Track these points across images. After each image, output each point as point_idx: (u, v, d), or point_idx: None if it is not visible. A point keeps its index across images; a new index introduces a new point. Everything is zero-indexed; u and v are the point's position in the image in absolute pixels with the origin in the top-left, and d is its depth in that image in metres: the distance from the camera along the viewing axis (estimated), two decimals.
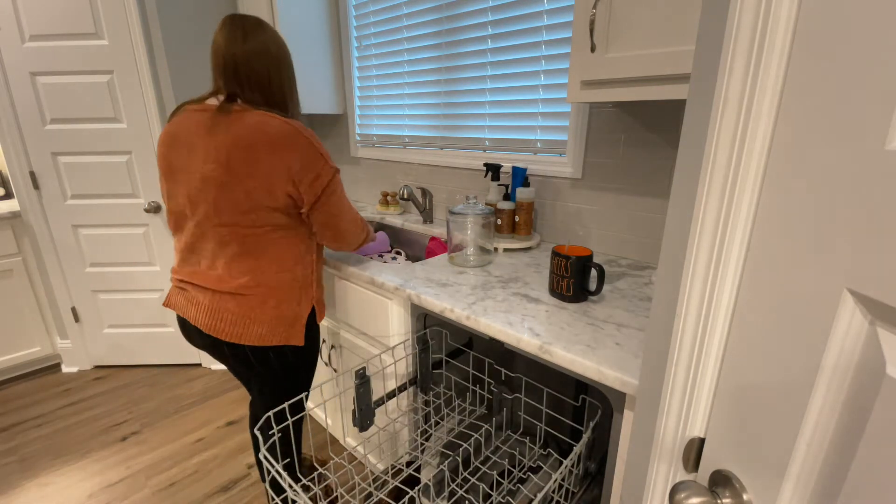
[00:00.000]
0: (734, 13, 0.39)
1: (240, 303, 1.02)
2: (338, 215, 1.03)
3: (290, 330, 1.08)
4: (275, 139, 0.91)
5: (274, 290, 1.04)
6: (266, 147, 0.91)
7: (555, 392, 1.04)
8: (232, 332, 1.03)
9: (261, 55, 0.96)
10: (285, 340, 1.07)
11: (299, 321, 1.09)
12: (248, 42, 0.95)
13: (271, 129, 0.92)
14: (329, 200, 0.99)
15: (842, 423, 0.34)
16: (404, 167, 1.96)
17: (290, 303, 1.06)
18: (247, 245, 0.99)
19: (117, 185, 2.03)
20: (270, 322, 1.04)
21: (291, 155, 0.92)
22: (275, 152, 0.91)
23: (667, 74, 0.84)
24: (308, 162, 0.94)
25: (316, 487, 0.84)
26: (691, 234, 0.46)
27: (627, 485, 0.65)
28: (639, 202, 1.26)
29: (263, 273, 1.02)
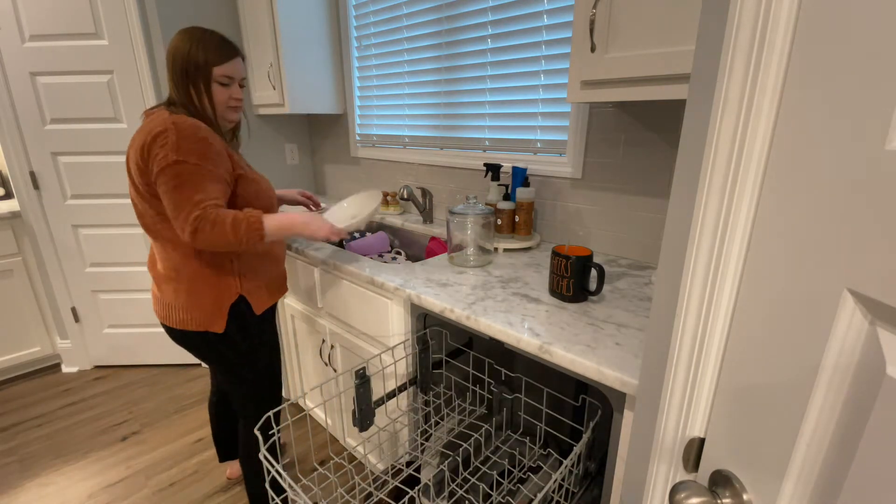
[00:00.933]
0: (734, 13, 0.39)
1: (161, 288, 1.13)
2: (168, 203, 0.99)
3: (209, 317, 1.11)
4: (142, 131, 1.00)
5: (184, 276, 1.09)
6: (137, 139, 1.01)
7: (555, 392, 1.04)
8: (162, 314, 1.13)
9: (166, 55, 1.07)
10: (204, 326, 1.11)
11: (218, 309, 1.11)
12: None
13: (147, 124, 1.01)
14: (161, 186, 0.98)
15: (842, 423, 0.34)
16: (404, 167, 1.96)
17: (204, 288, 1.10)
18: (153, 232, 1.08)
19: (117, 185, 2.03)
20: (185, 307, 1.10)
21: (145, 141, 0.98)
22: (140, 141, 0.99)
23: (667, 74, 0.84)
24: (152, 147, 0.98)
25: (316, 488, 0.84)
26: (691, 234, 0.46)
27: (627, 485, 0.65)
28: (639, 202, 1.26)
29: (170, 259, 1.09)
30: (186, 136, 0.98)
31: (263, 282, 1.21)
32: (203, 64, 1.05)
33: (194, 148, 0.98)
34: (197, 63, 1.04)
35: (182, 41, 1.05)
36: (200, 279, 1.10)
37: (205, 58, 1.05)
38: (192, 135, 0.98)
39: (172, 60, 1.05)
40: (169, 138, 0.96)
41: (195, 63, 1.04)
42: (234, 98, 1.12)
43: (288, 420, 0.86)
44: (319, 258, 1.39)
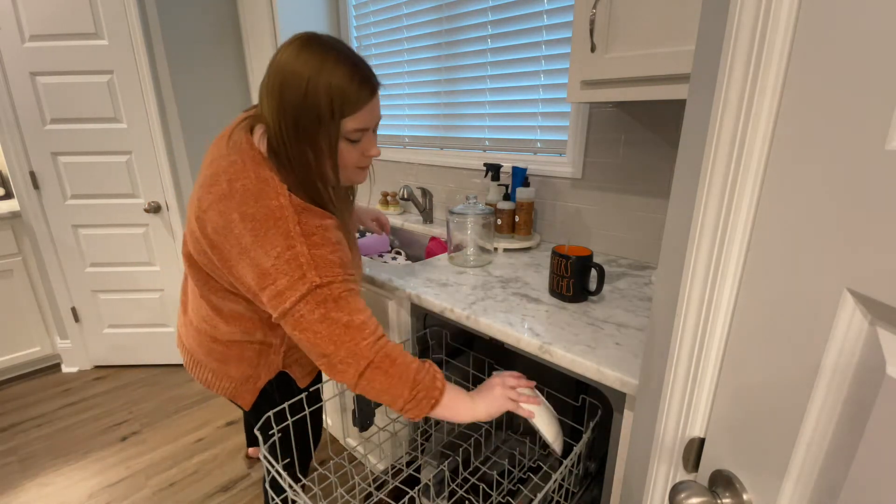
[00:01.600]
0: (734, 13, 0.39)
1: (194, 340, 0.91)
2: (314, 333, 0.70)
3: (237, 390, 0.93)
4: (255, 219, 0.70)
5: (222, 346, 0.88)
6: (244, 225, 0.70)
7: (555, 392, 1.04)
8: (187, 361, 0.96)
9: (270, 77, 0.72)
10: (230, 396, 0.94)
11: (252, 384, 0.93)
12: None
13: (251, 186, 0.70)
14: (303, 317, 0.70)
15: (842, 423, 0.34)
16: (404, 167, 1.96)
17: (240, 365, 0.90)
18: (204, 294, 0.85)
19: (117, 185, 2.03)
20: (215, 371, 0.91)
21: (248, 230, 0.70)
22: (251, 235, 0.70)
23: (667, 74, 0.84)
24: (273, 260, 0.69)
25: (316, 488, 0.84)
26: (691, 234, 0.46)
27: (627, 485, 0.65)
28: (639, 202, 1.26)
29: (215, 326, 0.87)
30: (318, 242, 0.71)
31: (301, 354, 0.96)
32: (328, 116, 0.69)
33: (334, 259, 0.71)
34: (320, 115, 0.69)
35: (298, 62, 0.68)
36: (240, 354, 0.88)
37: (331, 105, 0.69)
38: (324, 240, 0.71)
39: (280, 93, 0.69)
40: (298, 249, 0.68)
41: (317, 114, 0.69)
42: (366, 156, 0.79)
43: (288, 419, 0.86)
44: None
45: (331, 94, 0.68)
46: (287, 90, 0.68)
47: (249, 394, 0.93)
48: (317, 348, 0.71)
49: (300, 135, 0.70)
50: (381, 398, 0.72)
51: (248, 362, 0.90)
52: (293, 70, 0.68)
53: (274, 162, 0.74)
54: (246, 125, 0.77)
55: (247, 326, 0.85)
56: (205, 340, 0.89)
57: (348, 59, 0.70)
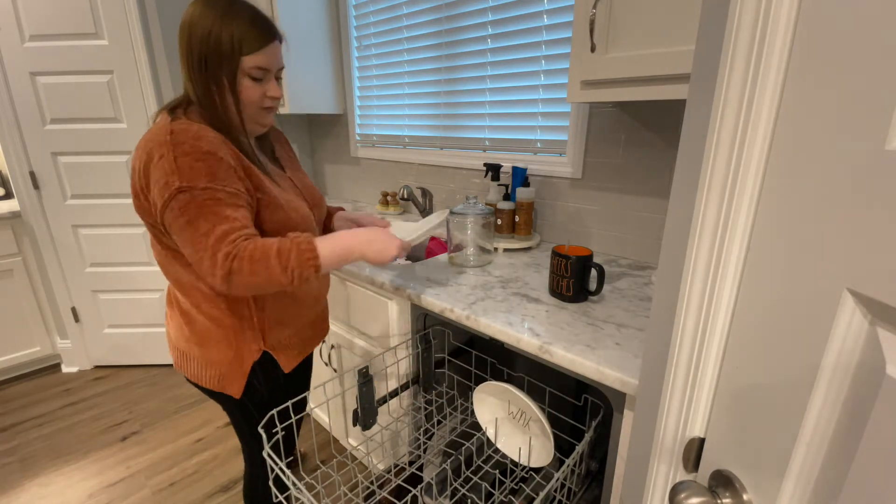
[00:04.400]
0: (734, 13, 0.39)
1: (174, 329, 0.92)
2: (183, 241, 0.76)
3: (224, 378, 0.90)
4: (140, 146, 0.78)
5: (198, 326, 0.88)
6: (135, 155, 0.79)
7: (556, 392, 1.04)
8: (175, 360, 0.94)
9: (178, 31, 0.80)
10: (219, 387, 0.91)
11: (237, 370, 0.90)
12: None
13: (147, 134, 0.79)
14: (172, 222, 0.75)
15: (842, 423, 0.34)
16: (404, 167, 1.96)
17: (219, 344, 0.88)
18: (163, 267, 0.88)
19: (117, 185, 2.03)
20: (198, 359, 0.90)
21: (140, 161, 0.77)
22: (136, 160, 0.78)
23: (667, 74, 0.85)
24: (150, 171, 0.75)
25: (319, 486, 0.84)
26: (691, 234, 0.46)
27: (628, 484, 0.65)
28: (639, 202, 1.26)
29: (181, 302, 0.89)
30: (186, 151, 0.74)
31: (293, 330, 0.97)
32: (229, 52, 0.78)
33: (200, 166, 0.74)
34: (220, 49, 0.77)
35: (201, 14, 0.77)
36: (214, 331, 0.88)
37: (231, 42, 0.77)
38: (193, 149, 0.74)
39: (188, 42, 0.78)
40: (165, 158, 0.73)
41: (218, 49, 0.77)
42: (269, 97, 0.85)
43: (292, 418, 0.86)
44: None
45: (231, 33, 0.78)
46: (194, 37, 0.78)
47: (237, 379, 0.91)
48: (187, 254, 0.76)
49: (205, 72, 0.79)
50: (266, 289, 0.78)
51: (226, 341, 0.89)
52: (198, 21, 0.77)
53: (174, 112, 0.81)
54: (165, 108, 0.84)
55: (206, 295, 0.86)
56: (183, 325, 0.90)
57: (248, 8, 0.81)
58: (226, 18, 0.77)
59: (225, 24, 0.77)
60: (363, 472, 1.57)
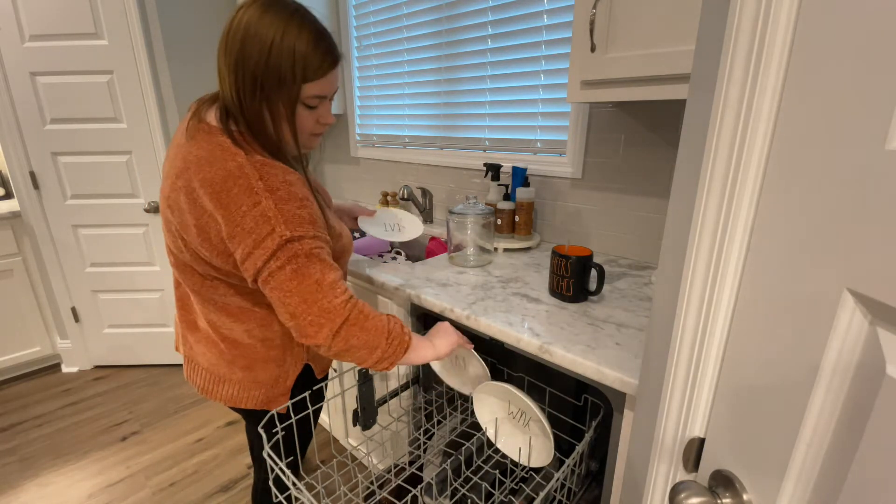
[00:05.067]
0: (734, 13, 0.39)
1: (207, 357, 0.87)
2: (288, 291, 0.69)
3: (269, 397, 0.88)
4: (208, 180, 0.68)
5: (245, 350, 0.84)
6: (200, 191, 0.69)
7: (556, 392, 1.04)
8: (203, 387, 0.89)
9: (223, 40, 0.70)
10: (264, 405, 0.89)
11: (282, 384, 0.89)
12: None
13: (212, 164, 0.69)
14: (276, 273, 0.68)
15: (842, 423, 0.34)
16: (404, 167, 1.96)
17: (267, 365, 0.86)
18: (202, 296, 0.81)
19: (117, 185, 2.03)
20: (241, 382, 0.87)
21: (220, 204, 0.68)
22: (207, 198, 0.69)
23: (667, 74, 0.85)
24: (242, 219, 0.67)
25: (319, 486, 0.84)
26: (691, 234, 0.46)
27: (628, 485, 0.65)
28: (639, 202, 1.26)
29: (229, 329, 0.83)
30: (284, 197, 0.68)
31: None
32: (290, 78, 0.69)
33: (304, 214, 0.69)
34: (281, 74, 0.68)
35: (259, 21, 0.67)
36: (264, 352, 0.84)
37: (293, 67, 0.68)
38: (290, 195, 0.69)
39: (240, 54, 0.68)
40: (264, 205, 0.66)
41: (278, 73, 0.68)
42: (321, 123, 0.79)
43: (292, 418, 0.86)
44: None
45: (294, 58, 0.68)
46: (248, 49, 0.67)
47: (283, 396, 0.89)
48: (287, 307, 0.69)
49: (258, 95, 0.70)
50: (358, 353, 0.72)
51: (276, 361, 0.86)
52: (256, 31, 0.67)
53: (227, 126, 0.72)
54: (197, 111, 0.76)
55: (261, 319, 0.83)
56: (226, 350, 0.85)
57: (313, 26, 0.71)
58: (289, 32, 0.67)
59: (287, 39, 0.67)
60: (363, 472, 1.57)
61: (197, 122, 0.74)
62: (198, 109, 0.76)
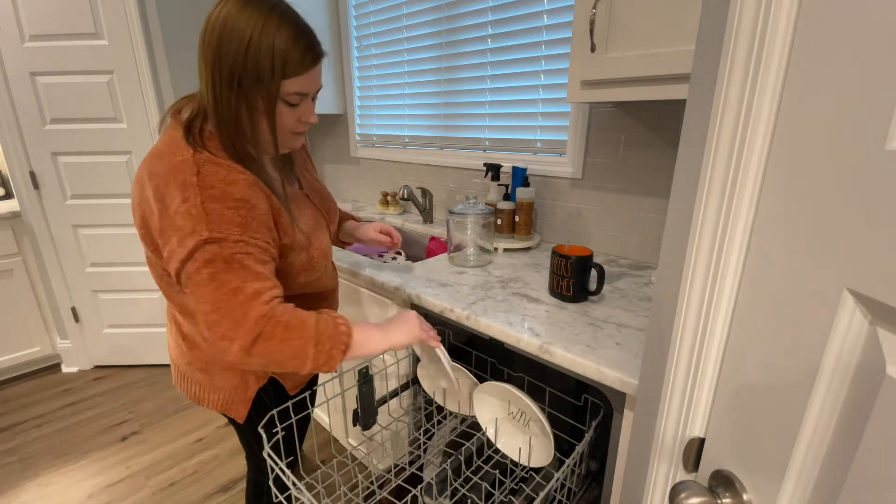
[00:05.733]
0: (734, 13, 0.39)
1: (176, 351, 0.86)
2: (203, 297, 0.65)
3: (228, 402, 0.85)
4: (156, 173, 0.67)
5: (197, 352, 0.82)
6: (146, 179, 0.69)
7: (556, 392, 1.04)
8: (175, 377, 0.90)
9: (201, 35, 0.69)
10: (223, 410, 0.86)
11: (241, 393, 0.86)
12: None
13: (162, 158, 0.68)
14: (192, 275, 0.65)
15: (842, 424, 0.34)
16: (404, 167, 1.96)
17: (224, 372, 0.83)
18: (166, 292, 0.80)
19: (117, 185, 2.03)
20: (202, 384, 0.85)
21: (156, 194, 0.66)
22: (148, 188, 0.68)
23: (667, 74, 0.85)
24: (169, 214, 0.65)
25: (319, 486, 0.84)
26: (691, 234, 0.46)
27: (628, 485, 0.65)
28: (639, 202, 1.26)
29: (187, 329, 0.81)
30: (215, 196, 0.65)
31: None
32: (269, 74, 0.67)
33: (231, 215, 0.65)
34: (259, 70, 0.66)
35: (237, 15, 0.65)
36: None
37: (272, 63, 0.66)
38: (223, 194, 0.66)
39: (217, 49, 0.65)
40: (191, 202, 0.64)
41: (256, 69, 0.66)
42: (302, 122, 0.76)
43: (292, 418, 0.86)
44: None
45: (273, 54, 0.65)
46: (226, 45, 0.65)
47: (242, 404, 0.86)
48: (201, 315, 0.64)
49: (236, 90, 0.67)
50: (285, 364, 0.67)
51: (232, 370, 0.83)
52: (234, 25, 0.65)
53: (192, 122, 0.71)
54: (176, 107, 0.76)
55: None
56: (185, 350, 0.84)
57: (293, 21, 0.68)
58: (267, 27, 0.65)
59: (266, 33, 0.65)
60: (363, 472, 1.57)
61: (170, 117, 0.74)
62: (177, 105, 0.75)
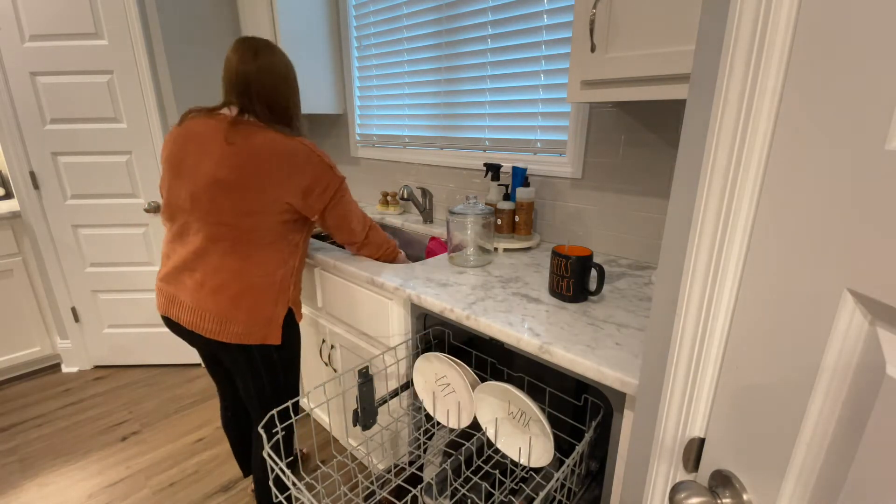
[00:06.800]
0: (734, 13, 0.39)
1: (217, 301, 1.07)
2: (346, 216, 1.18)
3: (266, 329, 1.13)
4: (289, 157, 1.04)
5: (250, 291, 1.09)
6: (280, 163, 1.03)
7: (556, 392, 1.04)
8: (212, 329, 1.09)
9: (269, 72, 1.08)
10: (262, 339, 1.13)
11: (275, 321, 1.14)
12: (258, 60, 1.07)
13: (285, 147, 1.04)
14: (338, 205, 1.14)
15: (842, 423, 0.34)
16: (404, 167, 1.96)
17: (265, 304, 1.11)
18: (238, 246, 1.06)
19: (117, 185, 2.03)
20: (246, 322, 1.09)
21: (303, 173, 1.06)
22: (288, 169, 1.04)
23: (667, 74, 0.85)
24: (318, 177, 1.08)
25: (319, 486, 0.84)
26: (691, 234, 0.46)
27: (628, 485, 0.65)
28: (639, 202, 1.26)
29: (245, 275, 1.08)
30: (324, 156, 1.11)
31: (300, 292, 1.27)
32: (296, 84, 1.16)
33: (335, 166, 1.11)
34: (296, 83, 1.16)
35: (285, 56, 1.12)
36: (265, 293, 1.11)
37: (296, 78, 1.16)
38: (325, 155, 1.12)
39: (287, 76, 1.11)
40: (326, 162, 1.09)
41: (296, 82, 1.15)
42: None
43: (292, 418, 0.86)
44: (320, 258, 1.39)
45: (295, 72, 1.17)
46: (291, 71, 1.14)
47: (276, 329, 1.14)
48: (349, 225, 1.21)
49: (294, 95, 1.15)
50: (380, 249, 1.32)
51: (272, 300, 1.12)
52: (287, 61, 1.14)
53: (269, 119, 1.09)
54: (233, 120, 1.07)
55: (271, 265, 1.11)
56: (235, 294, 1.07)
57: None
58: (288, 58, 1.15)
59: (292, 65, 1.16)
60: (363, 472, 1.56)
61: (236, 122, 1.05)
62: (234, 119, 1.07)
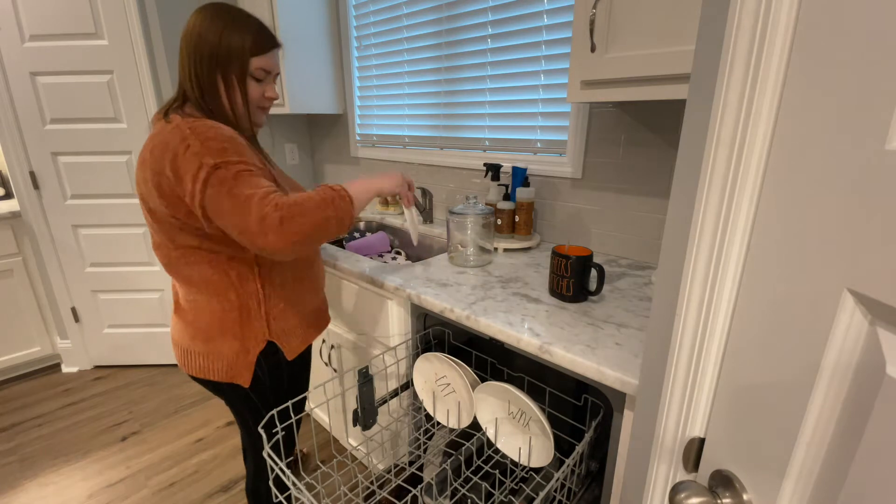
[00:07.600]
0: (734, 13, 0.39)
1: (179, 329, 0.96)
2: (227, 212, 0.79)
3: (232, 368, 0.94)
4: (155, 148, 0.81)
5: (203, 321, 0.92)
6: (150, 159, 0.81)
7: (556, 392, 1.04)
8: (179, 358, 0.97)
9: (183, 39, 0.86)
10: (228, 378, 0.94)
11: (243, 359, 0.94)
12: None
13: (156, 137, 0.81)
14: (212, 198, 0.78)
15: (842, 423, 0.34)
16: (404, 167, 1.96)
17: (225, 337, 0.92)
18: (173, 268, 0.91)
19: (117, 185, 2.03)
20: (206, 354, 0.93)
21: (164, 161, 0.79)
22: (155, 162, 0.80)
23: (667, 74, 0.85)
24: (179, 164, 0.78)
25: (319, 486, 0.84)
26: (691, 234, 0.46)
27: (628, 485, 0.65)
28: (639, 202, 1.26)
29: (193, 301, 0.92)
30: (211, 136, 0.79)
31: (298, 319, 1.00)
32: (240, 52, 0.85)
33: (228, 147, 0.80)
34: (230, 49, 0.84)
35: (209, 20, 0.84)
36: (221, 324, 0.91)
37: (242, 44, 0.85)
38: (217, 135, 0.80)
39: (195, 43, 0.84)
40: (193, 146, 0.78)
41: (228, 48, 0.84)
42: (267, 97, 0.93)
43: (292, 418, 0.86)
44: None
45: (242, 37, 0.86)
46: (203, 40, 0.85)
47: (246, 369, 0.95)
48: (232, 225, 0.79)
49: (214, 67, 0.86)
50: (321, 233, 0.83)
51: (233, 334, 0.92)
52: (208, 27, 0.85)
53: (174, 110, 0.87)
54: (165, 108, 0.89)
55: (218, 287, 0.91)
56: (188, 324, 0.94)
57: (254, 19, 0.89)
58: (235, 25, 0.86)
59: (235, 29, 0.86)
60: (363, 472, 1.57)
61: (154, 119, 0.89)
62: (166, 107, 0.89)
